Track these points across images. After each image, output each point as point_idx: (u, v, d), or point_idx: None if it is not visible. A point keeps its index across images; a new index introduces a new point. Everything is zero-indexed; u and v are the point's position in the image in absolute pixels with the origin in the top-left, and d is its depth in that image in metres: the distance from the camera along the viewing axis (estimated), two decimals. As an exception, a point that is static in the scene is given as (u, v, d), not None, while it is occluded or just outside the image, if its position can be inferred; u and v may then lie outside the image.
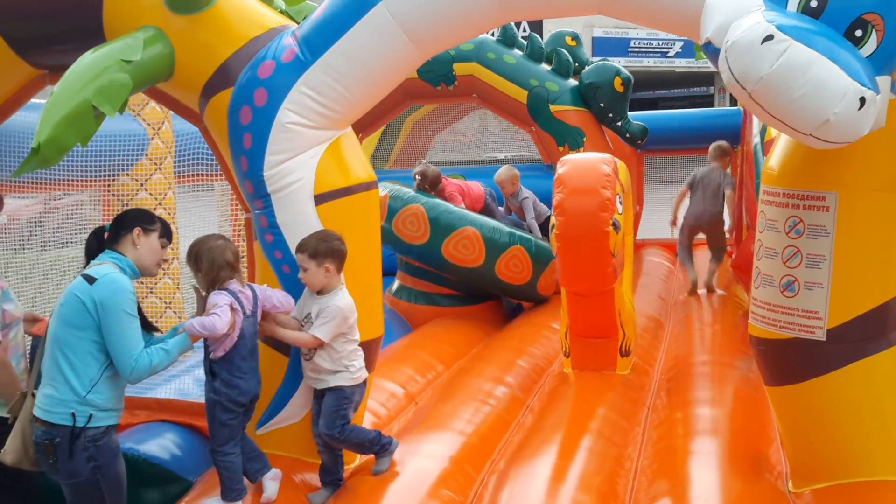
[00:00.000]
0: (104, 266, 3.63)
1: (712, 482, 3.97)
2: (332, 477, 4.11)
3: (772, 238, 3.64)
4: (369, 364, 4.33)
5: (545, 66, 9.46)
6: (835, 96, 2.78)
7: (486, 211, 8.46)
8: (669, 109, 13.50)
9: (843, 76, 2.80)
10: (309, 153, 4.00)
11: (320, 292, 3.95)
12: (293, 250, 4.02)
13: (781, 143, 3.65)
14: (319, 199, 4.02)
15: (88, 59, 3.77)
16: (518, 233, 7.57)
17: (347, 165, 4.14)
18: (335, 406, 3.99)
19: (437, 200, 7.58)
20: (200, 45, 4.05)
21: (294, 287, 4.05)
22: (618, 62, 10.70)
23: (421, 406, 5.25)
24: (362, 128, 10.08)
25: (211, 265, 3.78)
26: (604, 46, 30.78)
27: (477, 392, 5.26)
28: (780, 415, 3.83)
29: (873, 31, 2.98)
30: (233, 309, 3.73)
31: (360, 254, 4.17)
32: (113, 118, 3.79)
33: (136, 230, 3.73)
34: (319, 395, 4.04)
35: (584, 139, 9.20)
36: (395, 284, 8.10)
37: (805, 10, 3.00)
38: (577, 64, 9.88)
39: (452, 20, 3.86)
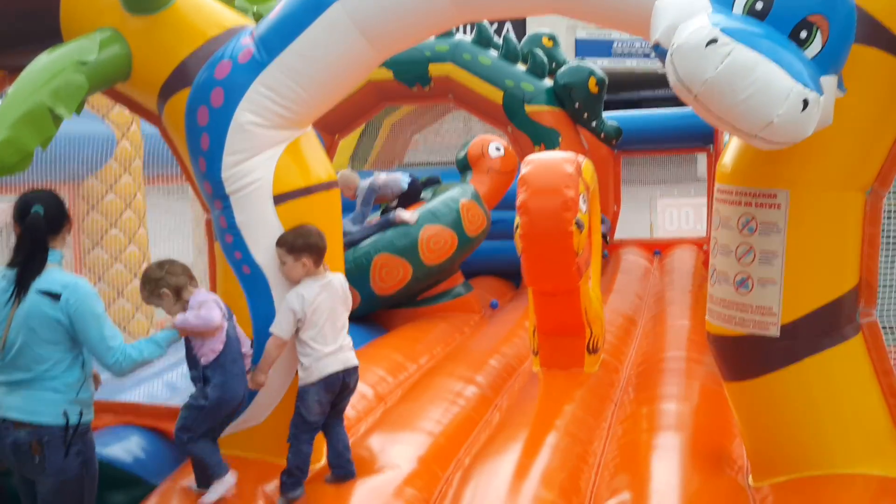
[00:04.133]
0: (57, 273, 3.62)
1: (672, 476, 3.99)
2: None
3: (726, 235, 3.66)
4: None
5: (521, 67, 9.48)
6: (778, 98, 2.81)
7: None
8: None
9: (786, 78, 2.83)
10: (267, 153, 4.01)
11: None
12: (252, 251, 4.03)
13: (734, 142, 3.68)
14: (279, 199, 4.03)
15: (44, 61, 3.77)
16: (415, 215, 7.45)
17: (307, 165, 4.15)
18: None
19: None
20: (157, 45, 4.05)
21: (255, 287, 4.06)
22: (601, 63, 10.75)
23: (390, 407, 5.24)
24: (338, 129, 10.08)
25: (174, 282, 3.77)
26: (587, 48, 30.80)
27: (447, 392, 5.27)
28: (738, 410, 3.86)
29: (818, 32, 3.01)
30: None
31: (321, 254, 4.18)
32: (69, 119, 3.79)
33: (67, 225, 3.80)
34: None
35: (560, 139, 9.23)
36: None
37: (751, 12, 3.02)
38: (554, 64, 9.91)
39: (408, 19, 3.87)
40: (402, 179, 8.16)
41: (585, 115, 9.33)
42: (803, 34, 3.00)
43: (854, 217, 3.53)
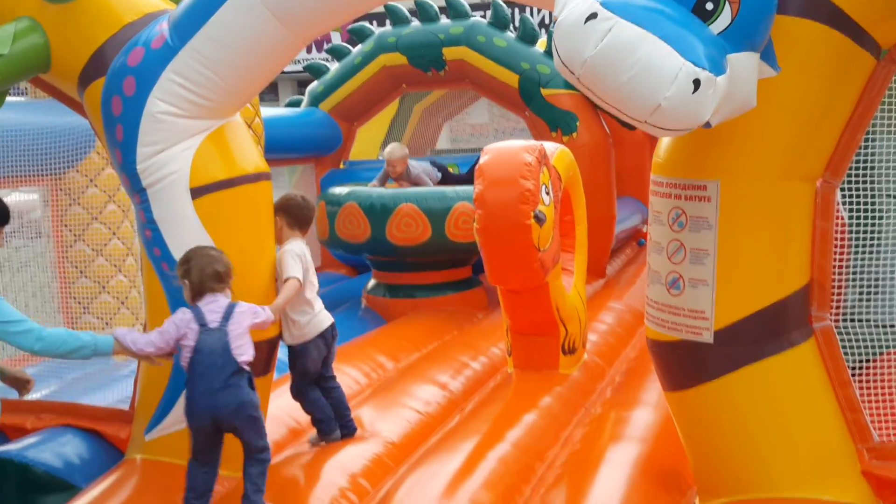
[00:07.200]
0: None
1: (613, 494, 3.68)
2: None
3: (657, 231, 3.32)
4: (269, 367, 4.12)
5: (538, 49, 9.10)
6: (665, 79, 2.48)
7: None
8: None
9: (674, 56, 2.49)
10: (183, 144, 3.80)
11: None
12: (171, 247, 3.84)
13: (666, 128, 3.32)
14: (196, 192, 3.82)
15: (-48, 54, 3.64)
16: (455, 190, 7.19)
17: (231, 156, 3.93)
18: None
19: (369, 189, 7.32)
20: (74, 32, 3.90)
21: (172, 286, 3.87)
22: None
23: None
24: (355, 117, 9.87)
25: (200, 274, 3.62)
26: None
27: (409, 398, 4.96)
28: (678, 423, 3.51)
29: (727, 3, 2.66)
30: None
31: (246, 252, 3.94)
32: None
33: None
34: None
35: (578, 123, 8.82)
36: (371, 282, 7.83)
37: (651, -18, 2.68)
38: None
39: (323, 1, 3.61)
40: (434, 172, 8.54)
41: (605, 98, 8.89)
42: (709, 6, 2.65)
43: (800, 210, 3.15)
